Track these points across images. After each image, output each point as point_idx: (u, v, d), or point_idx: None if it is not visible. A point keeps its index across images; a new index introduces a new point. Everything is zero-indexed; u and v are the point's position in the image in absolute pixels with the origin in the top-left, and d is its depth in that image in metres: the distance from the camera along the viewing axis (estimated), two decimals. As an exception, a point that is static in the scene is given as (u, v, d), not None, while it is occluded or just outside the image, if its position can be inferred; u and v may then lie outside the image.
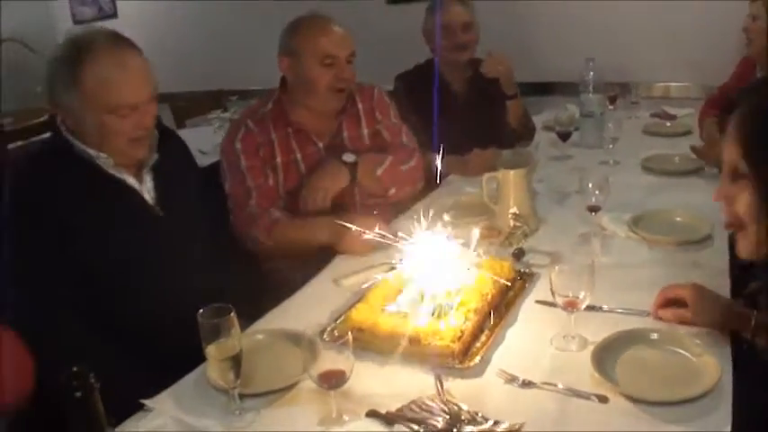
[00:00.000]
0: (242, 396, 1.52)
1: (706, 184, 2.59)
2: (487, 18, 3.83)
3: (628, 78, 4.22)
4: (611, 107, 3.79)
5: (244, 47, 5.83)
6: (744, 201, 1.42)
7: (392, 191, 2.69)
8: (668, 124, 3.66)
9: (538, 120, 3.73)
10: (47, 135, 5.56)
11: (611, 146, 3.06)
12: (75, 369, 0.93)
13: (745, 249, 1.49)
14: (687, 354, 1.52)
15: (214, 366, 1.51)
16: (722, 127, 1.55)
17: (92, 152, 1.96)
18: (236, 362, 1.45)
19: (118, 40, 1.96)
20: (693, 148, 2.89)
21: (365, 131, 2.74)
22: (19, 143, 5.48)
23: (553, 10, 4.53)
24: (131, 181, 2.04)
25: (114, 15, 6.81)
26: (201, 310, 1.44)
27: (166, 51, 6.34)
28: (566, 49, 4.44)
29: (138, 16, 6.59)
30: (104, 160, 1.97)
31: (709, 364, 1.46)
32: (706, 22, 4.05)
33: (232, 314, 1.45)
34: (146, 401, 1.56)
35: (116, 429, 1.41)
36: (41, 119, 6.04)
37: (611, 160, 3.03)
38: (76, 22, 7.17)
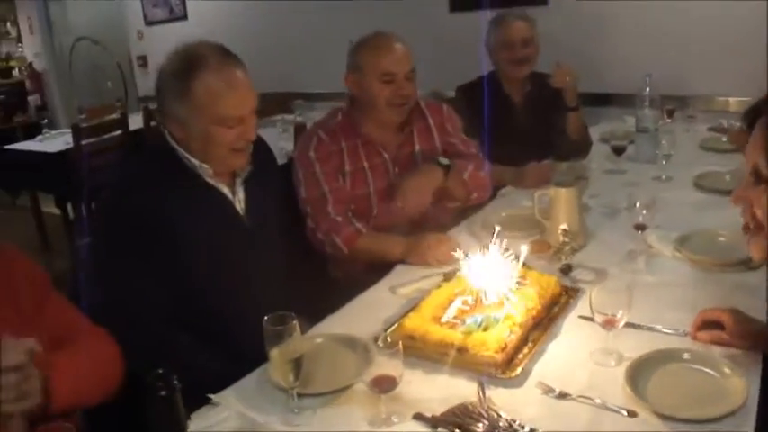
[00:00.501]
0: (300, 395, 1.64)
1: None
2: (549, 28, 3.91)
3: (687, 92, 4.25)
4: (668, 120, 3.84)
5: (310, 51, 5.99)
6: (764, 203, 1.45)
7: (474, 195, 2.85)
8: (724, 139, 3.66)
9: (595, 131, 3.80)
10: (118, 133, 5.81)
11: (664, 162, 3.11)
12: (160, 371, 1.05)
13: (760, 252, 1.53)
14: (717, 374, 1.59)
15: (276, 368, 1.63)
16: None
17: (194, 161, 2.09)
18: (296, 365, 1.57)
19: (226, 55, 2.08)
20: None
21: (438, 144, 2.87)
22: (92, 140, 5.69)
23: (614, 21, 4.56)
24: (226, 191, 2.17)
25: (185, 17, 7.03)
26: (266, 317, 1.57)
27: (235, 52, 6.54)
28: (625, 60, 4.49)
29: (208, 19, 6.79)
30: (205, 170, 2.10)
31: (738, 386, 1.53)
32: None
33: (294, 322, 1.57)
34: (212, 396, 1.69)
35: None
36: (113, 116, 6.26)
37: (663, 176, 3.08)
38: (148, 23, 7.41)
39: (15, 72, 9.96)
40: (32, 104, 9.31)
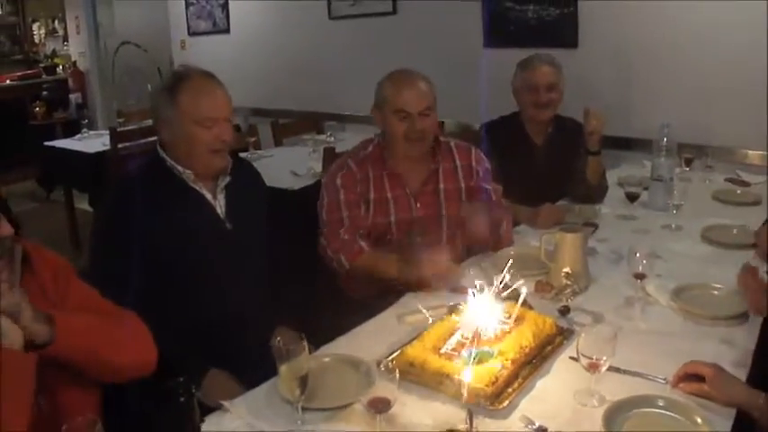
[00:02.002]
0: (305, 409, 1.77)
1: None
2: (578, 70, 4.04)
3: (707, 141, 4.29)
4: (686, 168, 3.94)
5: (346, 74, 6.10)
6: None
7: (502, 246, 2.95)
8: (738, 191, 3.75)
9: (614, 174, 3.89)
10: (153, 138, 5.98)
11: (674, 211, 3.21)
12: (181, 379, 1.20)
13: None
14: (689, 423, 1.69)
15: (284, 382, 1.78)
16: None
17: (179, 167, 2.40)
18: (302, 381, 1.72)
19: (207, 74, 2.47)
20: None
21: (462, 186, 2.98)
22: (128, 144, 5.86)
23: (643, 67, 4.64)
24: (208, 196, 2.46)
25: (227, 31, 7.19)
26: (278, 338, 1.72)
27: (273, 69, 6.74)
28: (650, 106, 4.57)
29: (249, 34, 6.96)
30: (188, 174, 2.40)
31: (706, 435, 1.63)
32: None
33: (304, 342, 1.73)
34: (224, 403, 1.85)
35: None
36: (150, 122, 6.41)
37: (673, 225, 3.17)
38: (191, 33, 7.57)
39: (59, 69, 10.18)
40: (73, 102, 9.51)
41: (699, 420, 1.69)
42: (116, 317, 1.92)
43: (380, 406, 1.67)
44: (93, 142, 6.40)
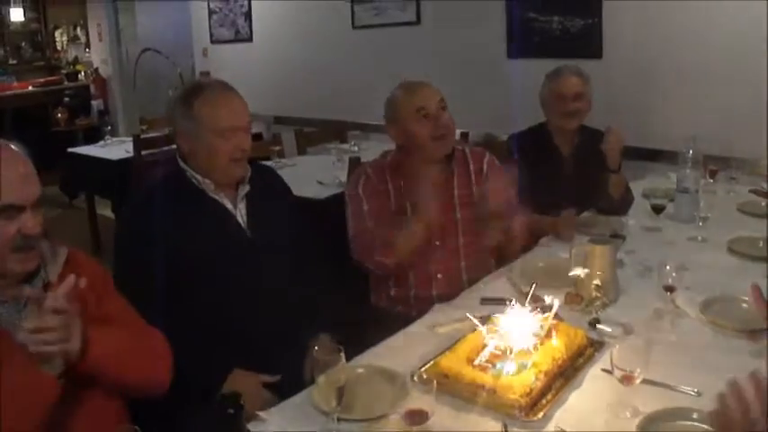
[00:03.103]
0: (339, 419, 1.79)
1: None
2: (602, 81, 4.04)
3: (732, 153, 4.28)
4: (710, 180, 3.93)
5: (369, 83, 6.05)
6: None
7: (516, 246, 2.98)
8: (763, 204, 3.71)
9: (639, 185, 3.90)
10: (173, 147, 6.02)
11: (701, 223, 3.21)
12: (231, 392, 1.22)
13: None
14: None
15: (321, 393, 1.80)
16: None
17: (198, 177, 2.42)
18: (339, 392, 1.74)
19: (222, 84, 2.52)
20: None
21: (474, 189, 2.99)
22: (152, 151, 5.90)
23: (667, 78, 4.67)
24: (228, 205, 2.48)
25: (250, 40, 7.25)
26: (317, 347, 1.75)
27: (296, 78, 6.76)
28: (674, 117, 4.59)
29: (272, 43, 7.00)
30: (207, 185, 2.42)
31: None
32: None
33: (341, 353, 1.75)
34: (260, 413, 1.86)
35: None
36: (170, 129, 6.46)
37: (699, 237, 3.16)
38: (213, 41, 7.62)
39: (81, 76, 10.26)
40: (95, 108, 9.59)
41: (733, 434, 1.69)
42: (144, 335, 1.97)
43: (417, 418, 1.68)
44: (116, 149, 6.45)
